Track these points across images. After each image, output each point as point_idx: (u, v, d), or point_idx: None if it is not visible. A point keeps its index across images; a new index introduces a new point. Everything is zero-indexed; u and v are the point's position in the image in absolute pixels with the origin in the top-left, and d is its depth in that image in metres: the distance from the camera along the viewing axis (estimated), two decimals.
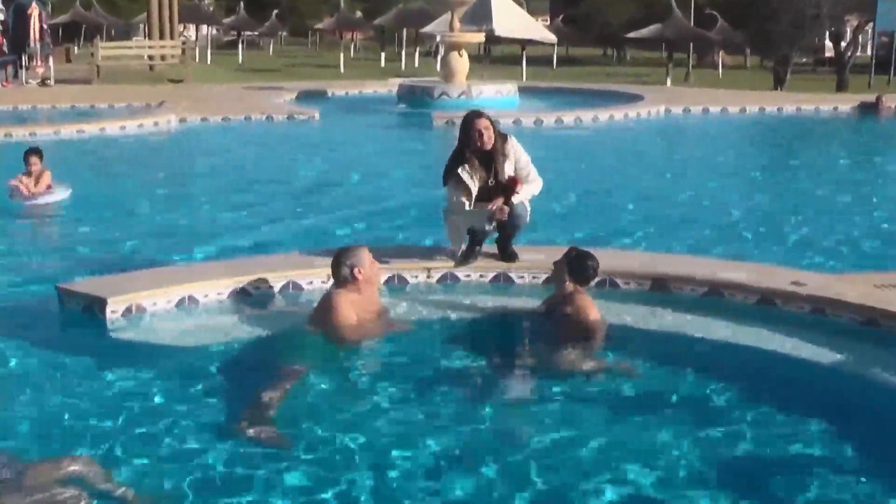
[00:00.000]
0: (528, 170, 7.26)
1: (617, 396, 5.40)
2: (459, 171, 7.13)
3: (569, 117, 19.14)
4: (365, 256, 6.34)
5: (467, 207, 7.14)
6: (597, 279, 6.77)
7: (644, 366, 5.82)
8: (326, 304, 6.22)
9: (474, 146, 7.09)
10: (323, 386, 5.48)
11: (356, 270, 6.26)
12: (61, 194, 10.92)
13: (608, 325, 6.30)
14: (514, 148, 7.22)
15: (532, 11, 37.11)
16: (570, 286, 6.33)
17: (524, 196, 7.20)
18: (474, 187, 7.13)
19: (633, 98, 22.72)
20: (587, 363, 5.82)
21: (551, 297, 6.54)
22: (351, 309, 6.14)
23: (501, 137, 7.18)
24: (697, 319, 6.57)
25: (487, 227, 7.18)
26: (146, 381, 5.53)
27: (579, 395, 5.40)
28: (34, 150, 11.06)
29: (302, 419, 5.01)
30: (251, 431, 4.82)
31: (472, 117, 7.20)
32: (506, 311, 6.80)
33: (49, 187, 10.86)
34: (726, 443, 4.85)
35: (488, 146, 7.08)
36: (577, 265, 6.36)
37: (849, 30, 37.16)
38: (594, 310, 6.23)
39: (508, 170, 7.17)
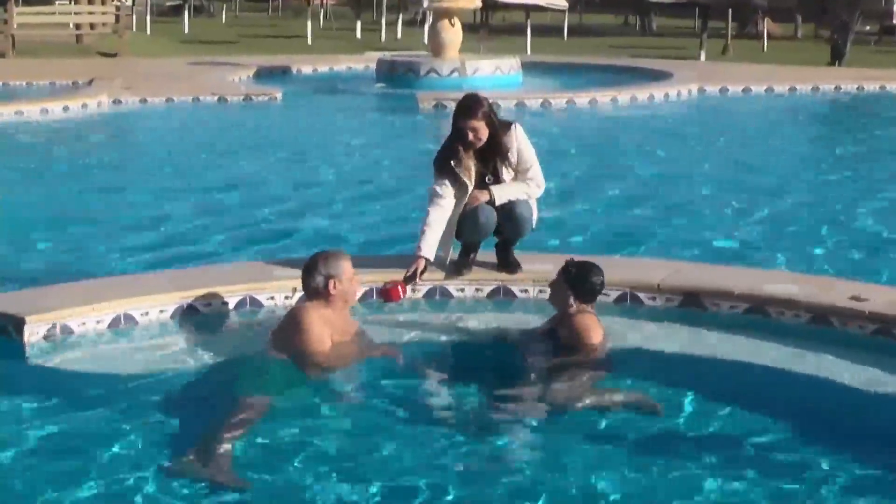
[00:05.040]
0: (531, 166, 7.29)
1: (636, 436, 5.41)
2: (453, 163, 7.17)
3: (582, 99, 19.20)
4: (345, 268, 6.34)
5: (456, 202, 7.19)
6: (617, 293, 6.81)
7: (670, 399, 5.83)
8: (294, 322, 6.23)
9: (464, 142, 7.15)
10: (289, 421, 5.49)
11: (331, 283, 6.26)
12: None
13: (627, 351, 6.32)
14: (518, 138, 7.24)
15: None
16: (572, 306, 6.35)
17: (512, 195, 7.22)
18: (470, 184, 7.17)
19: (661, 75, 22.79)
20: (594, 397, 5.78)
21: (554, 317, 6.57)
22: (324, 328, 6.16)
23: (504, 126, 7.23)
24: (737, 342, 6.61)
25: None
26: (74, 417, 5.53)
27: (589, 434, 5.40)
28: None
29: (265, 460, 5.03)
30: (205, 474, 4.83)
31: (465, 115, 7.09)
32: (506, 332, 6.83)
33: None
34: (774, 492, 4.85)
35: (478, 145, 7.12)
36: (578, 281, 6.36)
37: None
38: (596, 331, 6.24)
39: (511, 161, 7.22)
